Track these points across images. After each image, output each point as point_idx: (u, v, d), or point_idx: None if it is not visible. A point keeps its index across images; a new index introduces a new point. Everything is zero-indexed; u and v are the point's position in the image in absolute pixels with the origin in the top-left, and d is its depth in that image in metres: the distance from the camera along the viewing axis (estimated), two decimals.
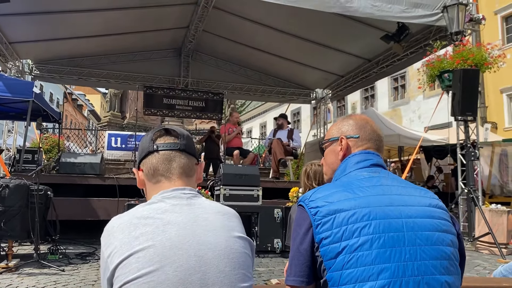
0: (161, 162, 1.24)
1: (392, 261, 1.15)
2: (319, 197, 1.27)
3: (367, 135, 1.45)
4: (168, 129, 1.28)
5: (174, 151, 1.25)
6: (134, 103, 14.96)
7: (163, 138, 1.27)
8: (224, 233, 1.15)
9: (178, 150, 1.25)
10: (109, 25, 9.85)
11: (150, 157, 1.25)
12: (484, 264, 5.64)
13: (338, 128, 1.51)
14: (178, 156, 1.25)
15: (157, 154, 1.24)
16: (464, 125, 7.53)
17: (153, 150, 1.25)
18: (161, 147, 1.24)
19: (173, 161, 1.24)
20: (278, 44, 10.89)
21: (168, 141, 1.25)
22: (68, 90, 35.80)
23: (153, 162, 1.25)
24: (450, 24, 7.43)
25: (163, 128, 1.28)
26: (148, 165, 1.26)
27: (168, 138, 1.26)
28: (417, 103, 20.31)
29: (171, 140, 1.26)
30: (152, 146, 1.25)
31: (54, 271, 4.61)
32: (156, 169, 1.24)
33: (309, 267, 1.24)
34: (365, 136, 1.45)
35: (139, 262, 1.04)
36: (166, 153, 1.24)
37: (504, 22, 16.97)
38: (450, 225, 1.27)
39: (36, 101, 6.79)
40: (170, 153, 1.24)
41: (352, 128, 1.47)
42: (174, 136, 1.27)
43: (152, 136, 1.27)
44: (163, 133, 1.27)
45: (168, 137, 1.27)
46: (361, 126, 1.47)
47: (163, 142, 1.25)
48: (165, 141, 1.26)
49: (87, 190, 6.78)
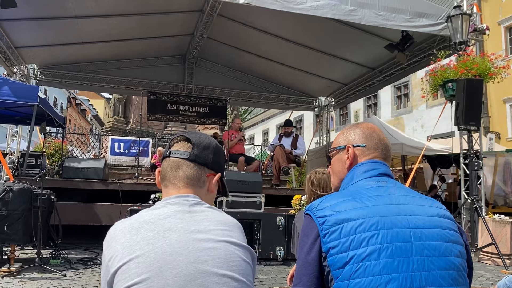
0: (169, 169, 1.26)
1: (400, 271, 1.15)
2: (327, 206, 1.27)
3: (374, 144, 1.44)
4: (188, 137, 1.29)
5: (183, 159, 1.26)
6: (138, 108, 15.00)
7: (178, 144, 1.29)
8: (224, 241, 1.15)
9: (186, 159, 1.25)
10: (114, 31, 9.91)
11: (164, 161, 1.29)
12: (487, 275, 5.61)
13: (345, 136, 1.51)
14: (186, 165, 1.26)
15: (169, 160, 1.27)
16: (468, 135, 7.53)
17: (166, 155, 1.28)
18: (172, 154, 1.27)
19: (180, 169, 1.26)
20: (282, 52, 10.92)
21: (181, 149, 1.27)
22: (72, 95, 35.94)
23: (164, 166, 1.28)
24: (454, 34, 7.45)
25: (185, 134, 1.30)
26: (162, 168, 1.30)
27: (183, 145, 1.28)
28: (420, 112, 20.31)
29: (184, 148, 1.27)
30: (167, 151, 1.28)
31: (56, 276, 4.60)
32: (165, 174, 1.27)
33: (317, 277, 1.23)
34: (372, 145, 1.44)
35: (139, 267, 1.05)
36: (175, 160, 1.26)
37: (507, 33, 17.00)
38: (458, 236, 1.27)
39: (41, 105, 6.81)
40: (179, 161, 1.26)
41: (359, 137, 1.47)
42: (189, 145, 1.28)
43: (172, 140, 1.31)
44: (181, 139, 1.30)
45: (183, 144, 1.28)
46: (368, 135, 1.46)
47: (176, 149, 1.28)
48: (178, 148, 1.28)
49: (90, 195, 6.80)
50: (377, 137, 1.46)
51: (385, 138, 1.48)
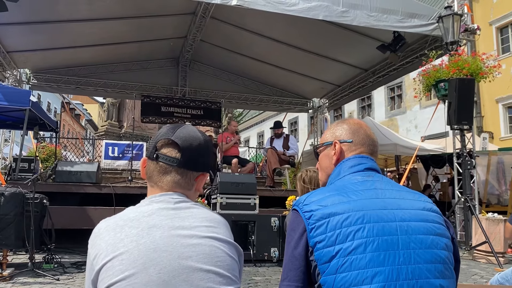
0: (156, 172, 1.23)
1: (386, 264, 1.15)
2: (313, 201, 1.27)
3: (360, 139, 1.45)
4: (174, 141, 1.23)
5: (171, 166, 1.22)
6: (131, 112, 14.94)
7: (166, 148, 1.23)
8: (209, 237, 1.14)
9: (176, 166, 1.22)
10: (106, 35, 9.89)
11: (150, 162, 1.25)
12: (481, 273, 5.63)
13: (332, 132, 1.51)
14: (175, 171, 1.23)
15: (156, 163, 1.23)
16: (460, 134, 7.58)
17: (153, 158, 1.24)
18: (160, 158, 1.22)
19: (168, 174, 1.23)
20: (275, 54, 10.95)
21: (169, 154, 1.22)
22: (65, 100, 35.81)
23: (151, 168, 1.25)
24: (445, 34, 7.50)
25: (173, 137, 1.23)
26: (147, 169, 1.26)
27: (171, 150, 1.23)
28: (414, 113, 20.41)
29: (173, 154, 1.22)
30: (153, 154, 1.23)
31: (49, 280, 4.56)
32: (151, 176, 1.25)
33: (304, 272, 1.23)
34: (359, 140, 1.45)
35: (123, 264, 1.05)
36: (163, 165, 1.23)
37: (499, 33, 17.14)
38: (444, 229, 1.27)
39: (33, 109, 6.78)
40: (167, 167, 1.22)
41: (346, 132, 1.48)
42: (177, 150, 1.23)
43: (157, 141, 1.25)
44: (169, 142, 1.23)
45: (171, 149, 1.23)
46: (355, 131, 1.47)
47: (164, 153, 1.23)
48: (166, 152, 1.23)
49: (83, 198, 6.75)
50: (364, 132, 1.47)
51: (372, 134, 1.49)
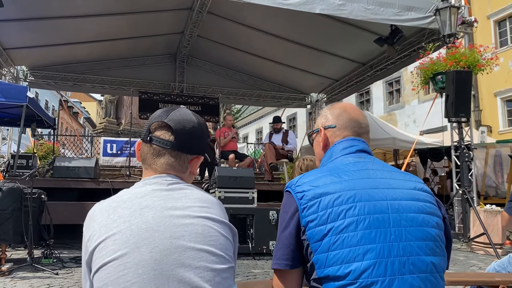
0: (150, 155, 1.23)
1: (378, 241, 1.16)
2: (305, 182, 1.28)
3: (343, 123, 1.46)
4: (168, 124, 1.22)
5: (165, 148, 1.22)
6: (129, 109, 14.93)
7: (159, 131, 1.23)
8: (201, 217, 1.14)
9: (169, 148, 1.22)
10: (103, 31, 9.87)
11: (144, 145, 1.25)
12: (479, 264, 5.64)
13: (319, 119, 1.54)
14: (168, 154, 1.23)
15: (150, 146, 1.23)
16: (458, 127, 7.59)
17: (147, 141, 1.24)
18: (154, 141, 1.22)
19: (162, 157, 1.23)
20: (273, 49, 10.94)
21: (163, 137, 1.22)
22: (63, 98, 35.75)
23: (145, 150, 1.25)
24: (442, 26, 7.50)
25: (166, 120, 1.23)
26: (142, 152, 1.26)
27: (165, 133, 1.22)
28: (412, 107, 20.40)
29: (166, 136, 1.22)
30: (147, 137, 1.23)
31: (48, 275, 4.57)
32: (145, 158, 1.25)
33: (293, 251, 1.24)
34: (342, 124, 1.46)
35: (115, 244, 1.05)
36: (157, 148, 1.22)
37: (496, 26, 17.12)
38: (435, 208, 1.28)
39: (30, 106, 6.77)
40: (160, 150, 1.22)
41: (330, 118, 1.49)
42: (170, 133, 1.22)
43: (151, 124, 1.25)
44: (162, 125, 1.23)
45: (165, 132, 1.23)
46: (338, 115, 1.48)
47: (157, 135, 1.22)
48: (160, 135, 1.22)
49: (81, 194, 6.76)
50: (347, 116, 1.47)
51: (358, 116, 1.48)
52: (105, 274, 1.03)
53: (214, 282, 1.06)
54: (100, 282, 1.04)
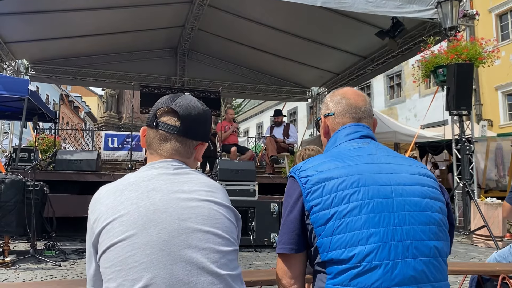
0: (156, 140, 1.24)
1: (381, 225, 1.17)
2: (310, 167, 1.29)
3: (341, 110, 1.46)
4: (174, 110, 1.24)
5: (171, 134, 1.23)
6: (130, 103, 14.93)
7: (166, 116, 1.24)
8: (207, 201, 1.16)
9: (175, 134, 1.23)
10: (104, 24, 9.85)
11: (150, 130, 1.26)
12: (479, 256, 5.67)
13: (322, 107, 1.55)
14: (174, 139, 1.24)
15: (156, 131, 1.24)
16: (459, 120, 7.59)
17: (153, 126, 1.25)
18: (160, 126, 1.23)
19: (168, 142, 1.24)
20: (273, 43, 10.91)
21: (169, 122, 1.23)
22: (64, 92, 35.73)
23: (151, 136, 1.26)
24: (444, 19, 7.47)
25: (173, 105, 1.24)
26: (147, 136, 1.27)
27: (171, 118, 1.24)
28: (413, 101, 20.37)
29: (173, 122, 1.23)
30: (153, 122, 1.24)
31: (51, 266, 4.60)
32: (151, 144, 1.26)
33: (298, 235, 1.25)
34: (340, 111, 1.46)
35: (123, 225, 1.06)
36: (163, 133, 1.24)
37: (498, 20, 17.06)
38: (438, 193, 1.29)
39: (32, 99, 6.77)
40: (166, 135, 1.24)
41: (330, 105, 1.50)
42: (176, 118, 1.24)
43: (157, 109, 1.25)
44: (168, 111, 1.24)
45: (171, 117, 1.24)
46: (337, 102, 1.48)
47: (164, 121, 1.23)
48: (166, 120, 1.23)
49: (83, 187, 6.78)
50: (346, 102, 1.46)
51: (357, 101, 1.47)
52: (113, 255, 1.05)
53: (220, 264, 1.08)
54: (108, 263, 1.05)
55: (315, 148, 2.69)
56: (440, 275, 1.19)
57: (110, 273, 1.04)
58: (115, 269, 1.03)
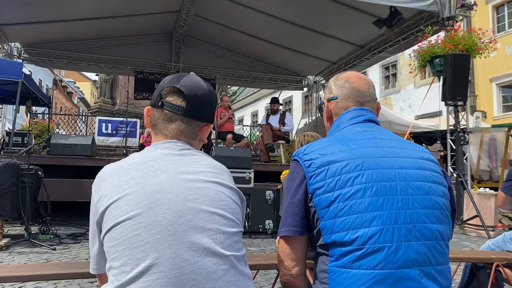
0: (161, 120, 1.23)
1: (385, 208, 1.17)
2: (313, 150, 1.29)
3: (344, 94, 1.45)
4: (180, 89, 1.22)
5: (176, 114, 1.22)
6: (124, 89, 14.80)
7: (171, 96, 1.23)
8: (213, 182, 1.15)
9: (181, 114, 1.22)
10: (99, 8, 9.71)
11: (155, 110, 1.25)
12: (471, 245, 5.74)
13: (325, 91, 1.54)
14: (180, 120, 1.23)
15: (161, 111, 1.23)
16: (454, 110, 7.61)
17: (158, 106, 1.23)
18: (165, 106, 1.22)
19: (173, 122, 1.23)
20: (270, 30, 10.83)
21: (175, 102, 1.22)
22: (58, 77, 35.37)
23: (155, 116, 1.25)
24: (442, 9, 7.47)
25: (178, 85, 1.23)
26: (152, 117, 1.26)
27: (176, 98, 1.22)
28: (408, 92, 20.41)
29: (178, 102, 1.22)
30: (159, 102, 1.23)
31: (45, 250, 4.60)
32: (156, 124, 1.25)
33: (302, 217, 1.26)
34: (343, 95, 1.45)
35: (128, 204, 1.05)
36: (168, 113, 1.22)
37: (495, 12, 17.05)
38: (441, 178, 1.29)
39: (26, 82, 6.69)
40: (172, 115, 1.22)
41: (332, 90, 1.49)
42: (182, 98, 1.22)
43: (162, 89, 1.24)
44: (174, 90, 1.23)
45: (176, 97, 1.22)
46: (340, 86, 1.47)
47: (169, 101, 1.22)
48: (171, 100, 1.22)
49: (78, 171, 6.75)
50: (349, 86, 1.45)
51: (361, 85, 1.45)
52: (117, 234, 1.04)
53: (225, 245, 1.08)
54: (112, 241, 1.05)
55: (314, 134, 2.70)
56: (442, 259, 1.20)
57: (115, 252, 1.04)
58: (119, 248, 1.03)
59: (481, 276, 2.79)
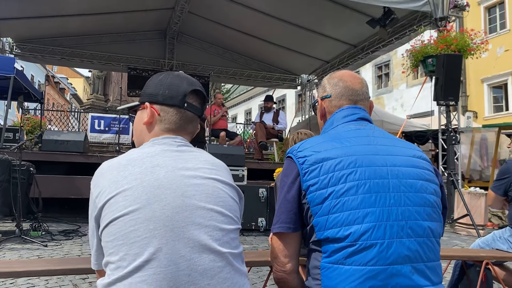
0: (182, 121, 1.25)
1: (377, 205, 1.19)
2: (307, 148, 1.30)
3: (338, 92, 1.46)
4: (199, 91, 1.28)
5: (196, 115, 1.27)
6: (117, 85, 14.73)
7: (193, 98, 1.27)
8: (211, 179, 1.16)
9: (198, 115, 1.28)
10: (93, 4, 9.64)
11: (172, 109, 1.24)
12: (462, 244, 5.80)
13: (319, 89, 1.56)
14: (195, 121, 1.28)
15: (182, 111, 1.25)
16: (446, 110, 7.68)
17: (182, 106, 1.24)
18: (189, 107, 1.25)
19: (191, 124, 1.27)
20: (264, 28, 10.83)
21: (195, 103, 1.27)
22: (50, 73, 35.10)
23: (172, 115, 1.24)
24: (434, 9, 7.51)
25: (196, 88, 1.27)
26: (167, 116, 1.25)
27: (197, 99, 1.28)
28: (400, 91, 20.52)
29: (198, 104, 1.28)
30: (183, 103, 1.24)
31: (37, 246, 4.57)
32: (175, 122, 1.24)
33: (295, 214, 1.27)
34: (336, 94, 1.46)
35: (126, 200, 1.06)
36: (189, 114, 1.26)
37: (487, 13, 17.19)
38: (433, 176, 1.31)
39: (18, 78, 6.65)
40: (192, 116, 1.26)
41: (325, 88, 1.50)
42: (201, 100, 1.28)
43: (186, 90, 1.25)
44: (195, 93, 1.27)
45: (197, 99, 1.28)
46: (334, 85, 1.48)
47: (192, 102, 1.26)
48: (193, 102, 1.26)
49: (70, 168, 6.71)
50: (343, 84, 1.46)
51: (354, 84, 1.47)
52: (115, 229, 1.04)
53: (222, 242, 1.09)
54: (110, 236, 1.05)
55: (308, 132, 2.71)
56: (433, 255, 1.22)
57: (112, 247, 1.04)
58: (117, 243, 1.03)
59: (471, 274, 2.82)
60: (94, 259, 1.19)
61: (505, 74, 16.05)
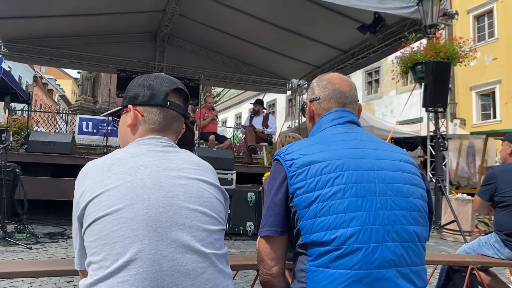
0: (166, 120, 1.24)
1: (364, 209, 1.18)
2: (295, 150, 1.29)
3: (327, 95, 1.46)
4: (181, 90, 1.28)
5: (179, 114, 1.27)
6: (106, 87, 14.61)
7: (176, 97, 1.27)
8: (196, 179, 1.15)
9: (181, 114, 1.27)
10: (82, 4, 9.57)
11: (155, 109, 1.24)
12: (449, 250, 5.84)
13: (308, 92, 1.56)
14: (179, 120, 1.28)
15: (165, 110, 1.24)
16: (435, 117, 7.75)
17: (165, 105, 1.24)
18: (172, 106, 1.24)
19: (175, 123, 1.26)
20: (255, 32, 10.85)
21: (178, 101, 1.27)
22: (38, 74, 34.76)
23: (156, 115, 1.24)
24: (424, 17, 7.60)
25: (178, 87, 1.27)
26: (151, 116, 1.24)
27: (179, 98, 1.28)
28: (390, 98, 20.70)
29: (181, 102, 1.28)
30: (166, 102, 1.24)
31: (21, 249, 4.50)
32: (159, 122, 1.24)
33: (283, 217, 1.26)
34: (325, 96, 1.46)
35: (109, 199, 1.04)
36: (173, 113, 1.25)
37: (475, 21, 17.44)
38: (420, 180, 1.31)
39: (5, 78, 6.57)
40: (176, 115, 1.26)
41: (314, 91, 1.50)
42: (183, 99, 1.29)
43: (168, 89, 1.25)
44: (177, 91, 1.27)
45: (179, 97, 1.28)
46: (323, 87, 1.48)
47: (174, 101, 1.26)
48: (176, 101, 1.26)
49: (57, 169, 6.63)
50: (331, 87, 1.46)
51: (343, 86, 1.47)
52: (98, 229, 1.03)
53: (206, 242, 1.08)
54: (92, 236, 1.04)
55: (296, 135, 2.71)
56: (418, 260, 1.22)
57: (95, 247, 1.03)
58: (99, 243, 1.02)
59: (457, 279, 2.84)
60: (77, 259, 1.17)
61: (493, 82, 16.28)
